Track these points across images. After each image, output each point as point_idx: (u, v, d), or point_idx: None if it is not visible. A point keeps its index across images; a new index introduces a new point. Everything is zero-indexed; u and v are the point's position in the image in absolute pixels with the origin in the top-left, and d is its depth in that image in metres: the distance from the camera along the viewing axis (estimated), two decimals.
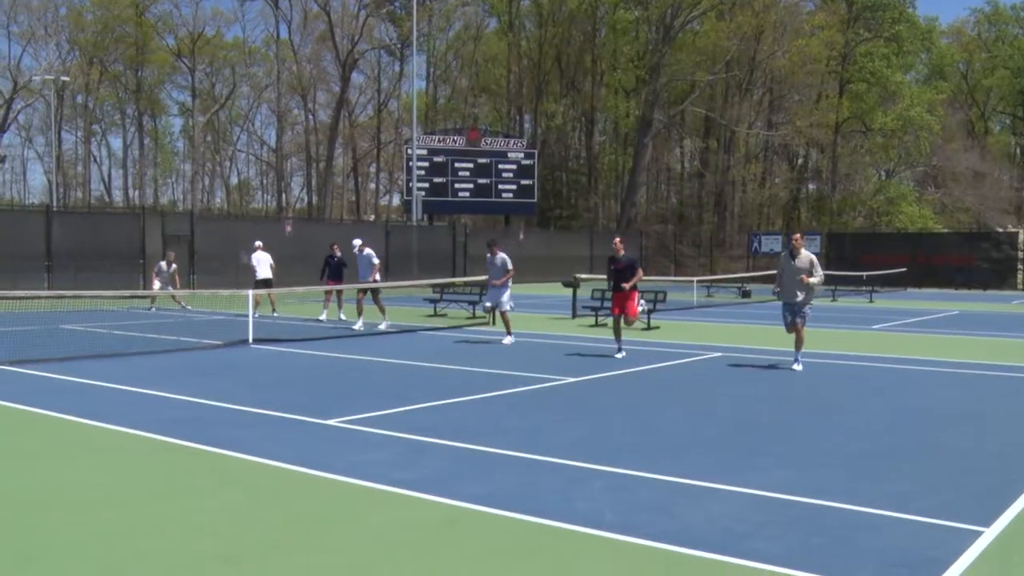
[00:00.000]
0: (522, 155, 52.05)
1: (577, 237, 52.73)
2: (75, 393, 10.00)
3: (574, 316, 21.45)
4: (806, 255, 12.39)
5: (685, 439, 7.88)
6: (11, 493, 6.00)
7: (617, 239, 14.38)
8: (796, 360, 12.58)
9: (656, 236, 56.65)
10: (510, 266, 15.93)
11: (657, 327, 18.85)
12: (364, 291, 18.87)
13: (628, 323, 14.19)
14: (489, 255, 16.02)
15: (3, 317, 19.30)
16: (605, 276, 14.41)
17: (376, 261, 18.79)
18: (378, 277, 18.95)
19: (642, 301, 16.50)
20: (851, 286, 35.33)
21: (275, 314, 20.13)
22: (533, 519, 5.43)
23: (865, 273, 35.05)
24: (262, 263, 21.05)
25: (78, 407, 9.02)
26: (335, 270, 20.26)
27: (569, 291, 22.54)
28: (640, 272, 13.98)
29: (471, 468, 6.70)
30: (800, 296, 12.39)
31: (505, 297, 15.94)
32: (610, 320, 19.95)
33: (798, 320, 12.49)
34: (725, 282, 35.32)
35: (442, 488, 6.05)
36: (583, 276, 23.20)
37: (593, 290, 21.45)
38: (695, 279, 31.18)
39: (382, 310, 18.72)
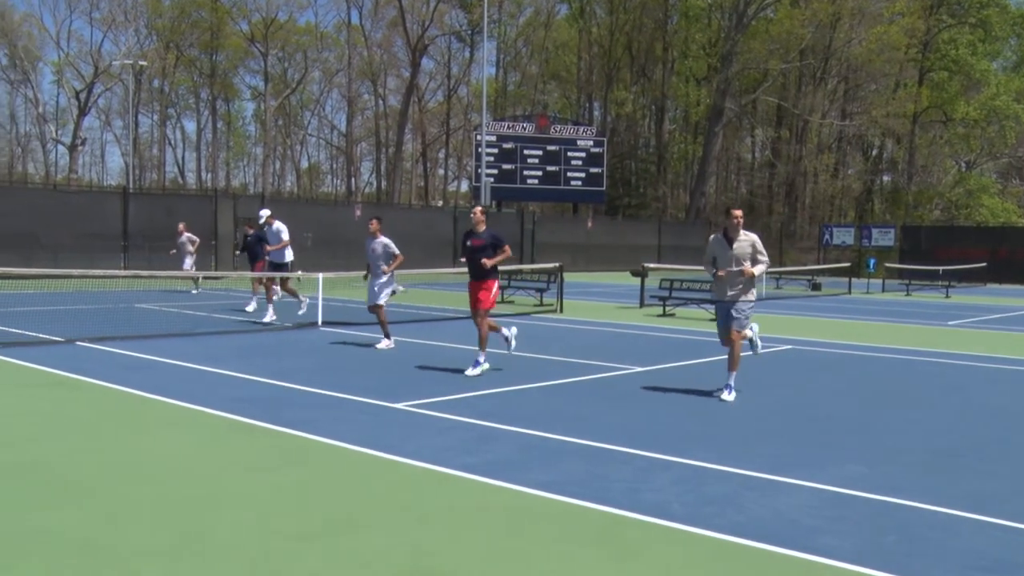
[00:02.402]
0: (591, 143, 51.81)
1: (645, 226, 52.38)
2: (150, 370, 10.26)
3: (641, 305, 21.32)
4: (747, 237, 9.36)
5: (753, 431, 7.78)
6: (94, 463, 6.19)
7: (478, 208, 10.93)
8: (727, 387, 9.36)
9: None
10: (395, 251, 12.80)
11: None
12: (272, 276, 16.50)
13: (478, 318, 10.63)
14: (368, 237, 12.89)
15: (82, 296, 19.87)
16: (464, 258, 10.86)
17: (286, 237, 16.28)
18: (291, 256, 16.34)
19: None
20: (926, 280, 34.49)
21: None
22: (600, 507, 5.42)
23: (941, 268, 34.18)
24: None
25: (153, 384, 9.25)
26: (253, 250, 17.87)
27: (637, 280, 22.40)
28: (506, 251, 10.64)
29: (538, 455, 6.71)
30: (734, 291, 9.35)
31: (384, 292, 12.93)
32: (680, 310, 19.81)
33: (733, 325, 9.35)
34: (795, 274, 34.75)
35: (509, 474, 6.07)
36: (651, 265, 23.03)
37: (661, 280, 21.29)
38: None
39: (295, 295, 16.67)
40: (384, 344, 12.80)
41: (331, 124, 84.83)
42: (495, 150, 49.37)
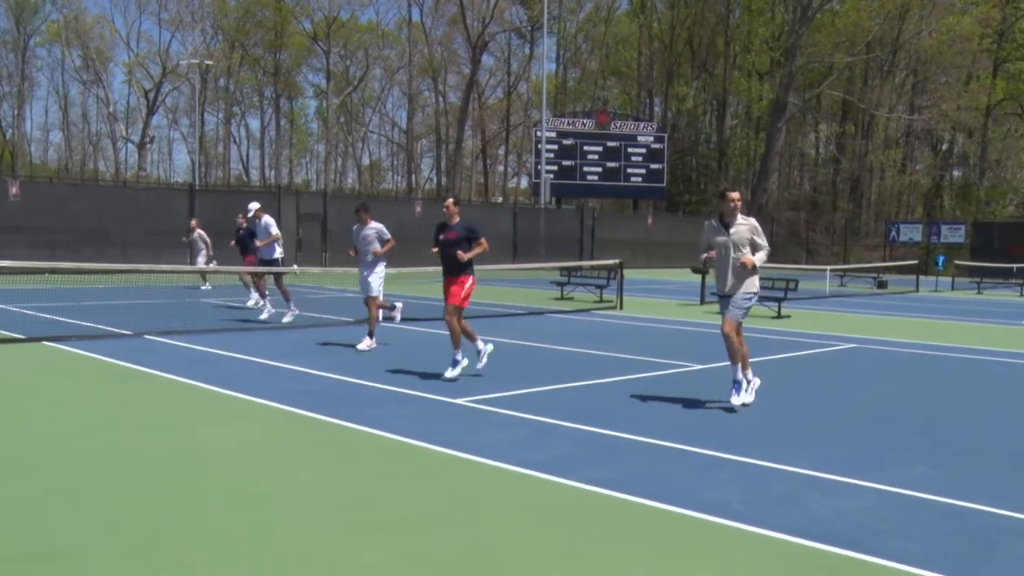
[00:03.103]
0: (651, 139, 51.49)
1: (705, 223, 51.84)
2: (214, 364, 10.45)
3: (702, 302, 21.13)
4: (745, 222, 8.54)
5: (816, 430, 7.65)
6: (159, 454, 6.32)
7: (450, 200, 10.35)
8: (735, 386, 8.46)
9: (787, 223, 55.20)
10: (388, 236, 12.26)
11: (788, 316, 18.37)
12: (260, 273, 15.87)
13: (448, 315, 9.85)
14: (357, 226, 12.29)
15: (150, 290, 20.32)
16: (436, 250, 10.10)
17: (275, 231, 15.32)
18: (280, 252, 15.53)
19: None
20: (999, 279, 33.60)
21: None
22: (659, 505, 5.38)
23: (1015, 265, 33.26)
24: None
25: (218, 377, 9.43)
26: (244, 244, 17.25)
27: (697, 277, 22.20)
28: (483, 244, 10.00)
29: (598, 452, 6.69)
30: (734, 282, 8.53)
31: (377, 281, 12.25)
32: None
33: (728, 315, 8.55)
34: (860, 271, 34.14)
35: (568, 470, 6.06)
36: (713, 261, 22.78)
37: None
38: (828, 268, 30.24)
39: (286, 296, 15.44)
40: (365, 344, 11.87)
41: (392, 121, 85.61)
42: (555, 146, 49.32)
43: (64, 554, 4.40)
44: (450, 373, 9.58)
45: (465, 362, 9.74)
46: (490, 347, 10.19)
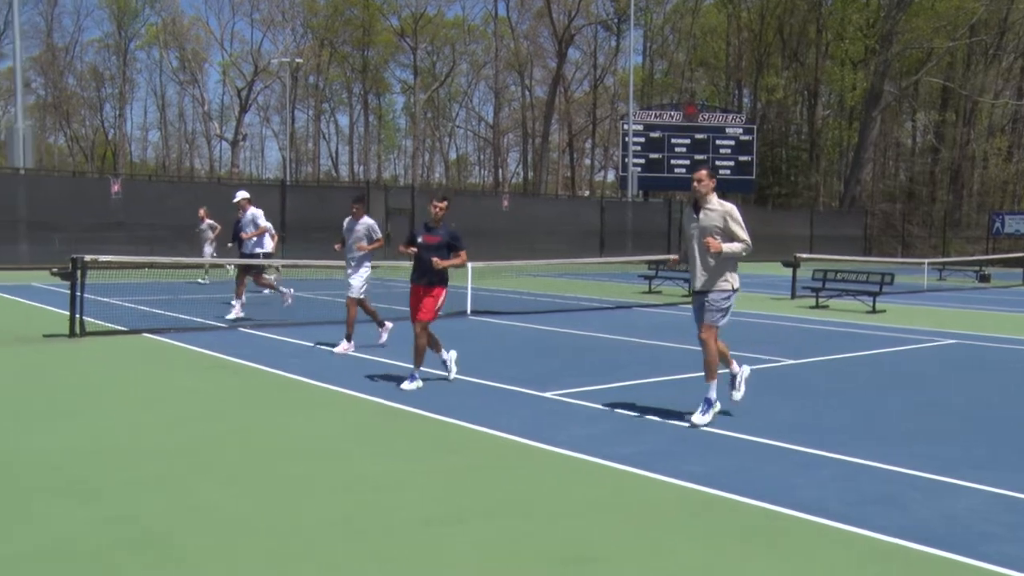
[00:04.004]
0: (740, 130, 50.64)
1: (796, 216, 50.78)
2: (306, 356, 10.63)
3: (793, 296, 20.69)
4: (720, 207, 7.38)
5: (915, 429, 7.39)
6: (252, 444, 6.45)
7: (444, 200, 9.23)
8: (704, 403, 7.39)
9: (882, 215, 53.71)
10: (378, 235, 11.32)
11: (883, 311, 17.85)
12: (246, 270, 14.43)
13: (418, 332, 8.75)
14: (349, 218, 11.33)
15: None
16: (409, 250, 9.15)
17: (263, 223, 14.51)
18: (270, 246, 14.54)
19: None
20: None
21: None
22: (754, 502, 5.26)
23: None
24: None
25: (309, 369, 9.59)
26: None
27: (788, 271, 21.74)
28: (463, 257, 9.12)
29: (689, 447, 6.58)
30: (705, 276, 7.45)
31: (359, 282, 11.29)
32: (834, 302, 19.11)
33: (704, 318, 7.53)
34: (960, 265, 32.97)
35: (660, 465, 5.97)
36: (803, 255, 22.29)
37: (814, 271, 20.59)
38: (926, 261, 29.30)
39: (272, 286, 14.64)
40: (343, 348, 10.97)
41: (479, 116, 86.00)
42: (642, 139, 48.91)
43: (160, 540, 4.51)
44: (408, 386, 8.54)
45: (420, 383, 8.63)
46: (454, 353, 9.21)
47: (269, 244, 14.56)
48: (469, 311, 15.65)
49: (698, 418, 7.27)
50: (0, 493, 5.19)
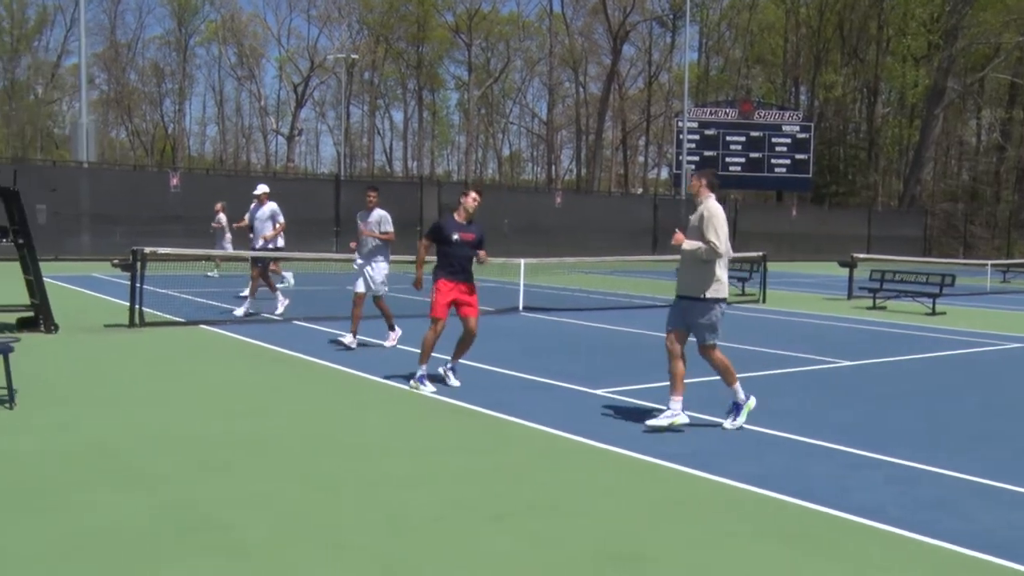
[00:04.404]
0: (797, 128, 49.98)
1: (854, 215, 50.00)
2: (359, 350, 10.72)
3: (849, 297, 20.36)
4: (703, 208, 6.97)
5: (977, 433, 7.23)
6: (307, 436, 6.52)
7: (476, 192, 8.86)
8: (733, 409, 7.14)
9: (943, 215, 52.61)
10: (390, 228, 10.96)
11: (943, 313, 17.48)
12: (257, 264, 13.93)
13: (468, 334, 8.52)
14: (363, 211, 11.04)
15: (298, 278, 21.02)
16: (431, 244, 8.68)
17: (282, 220, 14.14)
18: (282, 243, 14.19)
19: None
20: None
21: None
22: (806, 504, 5.19)
23: None
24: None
25: (362, 363, 9.68)
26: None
27: (844, 271, 21.40)
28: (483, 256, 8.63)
29: (742, 447, 6.51)
30: (683, 279, 7.07)
31: (381, 277, 10.96)
32: (892, 303, 18.77)
33: (697, 336, 7.12)
34: None
35: (710, 465, 5.92)
36: (860, 256, 21.93)
37: (871, 271, 20.24)
38: (989, 262, 28.63)
39: (271, 287, 13.93)
40: (392, 340, 10.98)
41: (532, 112, 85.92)
42: (696, 136, 48.52)
43: (217, 527, 4.58)
44: (428, 388, 8.25)
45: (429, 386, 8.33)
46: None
47: (281, 241, 14.44)
48: (521, 307, 15.66)
49: (729, 424, 7.08)
50: (61, 479, 5.32)
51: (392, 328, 11.12)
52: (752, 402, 7.15)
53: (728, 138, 49.24)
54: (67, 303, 14.31)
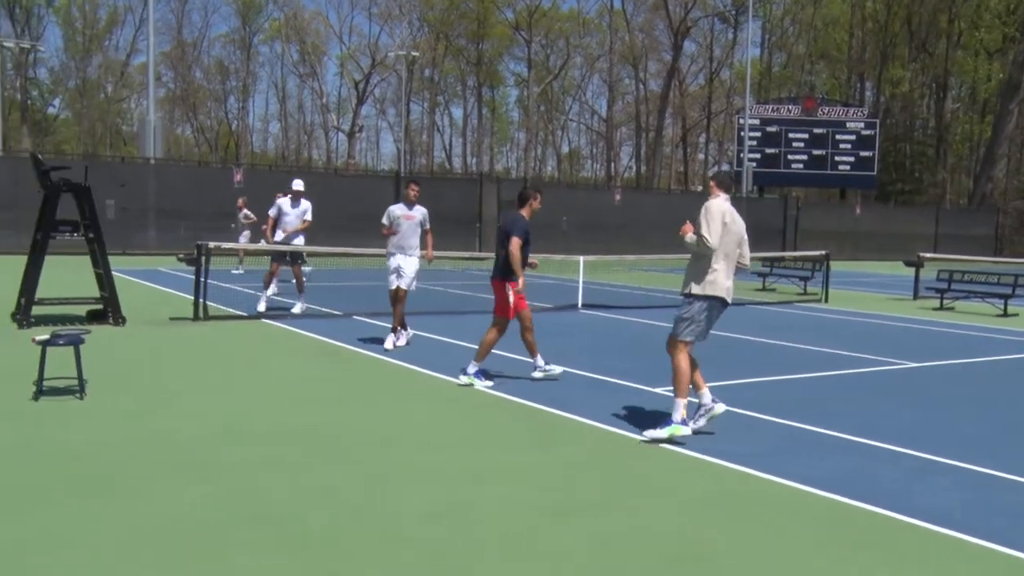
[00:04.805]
0: (862, 124, 49.04)
1: (920, 213, 48.94)
2: (419, 344, 10.77)
3: (915, 297, 19.93)
4: (705, 203, 6.70)
5: None
6: (367, 429, 6.58)
7: (538, 192, 8.75)
8: (665, 420, 6.57)
9: (1016, 214, 51.23)
10: (427, 225, 10.77)
11: (1015, 314, 17.02)
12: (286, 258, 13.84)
13: (525, 330, 8.55)
14: (402, 203, 10.72)
15: (359, 273, 21.25)
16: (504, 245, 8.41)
17: (310, 217, 13.95)
18: (301, 240, 13.96)
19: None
20: None
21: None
22: (870, 508, 5.08)
23: None
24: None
25: (421, 358, 9.73)
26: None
27: (910, 270, 20.96)
28: (512, 243, 8.28)
29: (801, 448, 6.41)
30: (685, 276, 6.77)
31: (413, 272, 10.55)
32: (960, 304, 18.32)
33: (673, 326, 6.86)
34: None
35: (772, 466, 5.83)
36: (927, 255, 21.45)
37: (939, 271, 19.79)
38: None
39: (301, 283, 13.88)
40: (404, 340, 10.63)
41: (592, 109, 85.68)
42: (758, 134, 47.91)
43: (278, 518, 4.64)
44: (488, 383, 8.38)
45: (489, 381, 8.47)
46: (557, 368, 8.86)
47: (302, 239, 14.33)
48: (580, 304, 15.61)
49: (649, 432, 6.45)
50: (129, 467, 5.44)
51: (404, 328, 10.65)
52: (684, 430, 6.41)
53: (790, 135, 48.52)
54: (134, 296, 14.64)
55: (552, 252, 15.74)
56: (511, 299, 8.37)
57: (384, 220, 10.49)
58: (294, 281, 13.94)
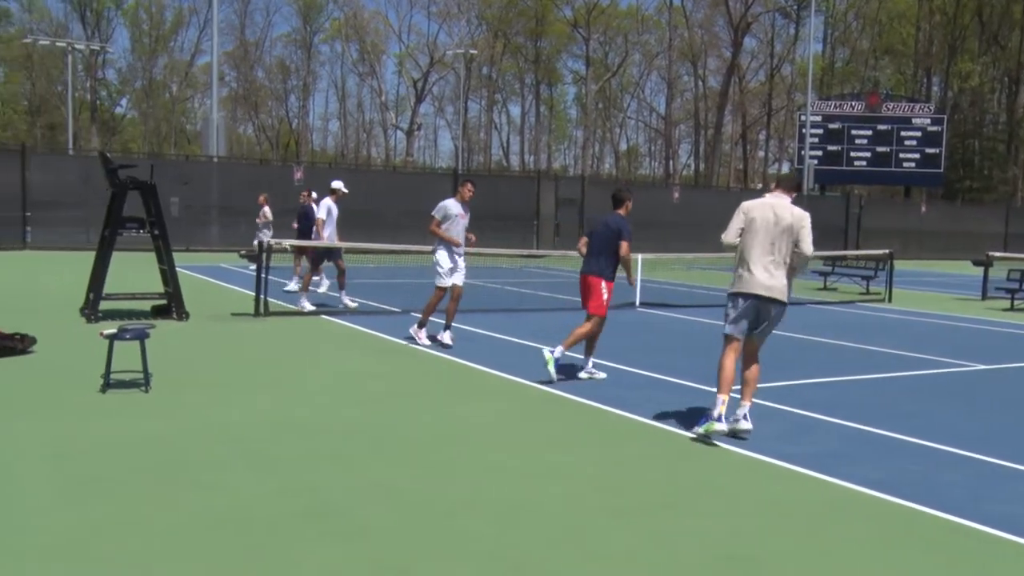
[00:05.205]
0: (928, 121, 47.96)
1: (989, 211, 47.73)
2: (476, 342, 10.81)
3: (984, 298, 19.44)
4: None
5: None
6: (425, 425, 6.61)
7: (630, 194, 9.04)
8: (703, 417, 6.65)
9: None
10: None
11: None
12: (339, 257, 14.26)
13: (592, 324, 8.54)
14: (459, 199, 10.66)
15: (417, 270, 21.38)
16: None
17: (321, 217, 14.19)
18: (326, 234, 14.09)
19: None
20: None
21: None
22: (935, 512, 4.96)
23: None
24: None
25: (479, 354, 9.75)
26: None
27: (978, 270, 20.45)
28: (623, 248, 8.53)
29: (864, 450, 6.29)
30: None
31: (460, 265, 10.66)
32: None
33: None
34: None
35: (833, 468, 5.73)
36: (997, 254, 20.92)
37: (1009, 270, 19.28)
38: None
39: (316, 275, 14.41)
40: (449, 337, 10.53)
41: (650, 106, 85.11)
42: (820, 130, 47.15)
43: (338, 512, 4.69)
44: (601, 375, 8.68)
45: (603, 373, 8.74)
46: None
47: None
48: (638, 303, 15.52)
49: (694, 429, 6.52)
50: (192, 460, 5.54)
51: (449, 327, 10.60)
52: (720, 427, 6.35)
53: (853, 132, 47.66)
54: (197, 292, 14.90)
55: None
56: (606, 296, 8.53)
57: (437, 214, 10.50)
58: (337, 278, 14.16)
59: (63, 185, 27.42)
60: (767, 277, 6.50)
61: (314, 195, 15.99)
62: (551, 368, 8.18)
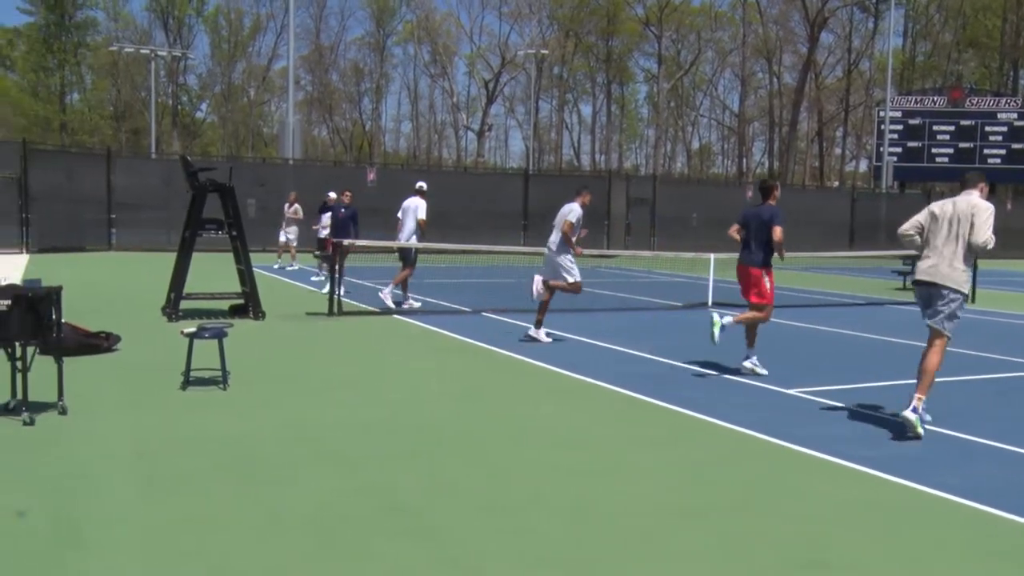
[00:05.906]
0: (1015, 115, 46.51)
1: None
2: (552, 342, 10.79)
3: None
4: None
5: None
6: (495, 425, 6.65)
7: (777, 184, 9.45)
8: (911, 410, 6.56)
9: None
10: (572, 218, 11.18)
11: None
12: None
13: (760, 319, 9.29)
14: (580, 206, 11.49)
15: (487, 270, 21.49)
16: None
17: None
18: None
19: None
20: None
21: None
22: (1018, 519, 4.80)
23: None
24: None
25: (549, 355, 9.75)
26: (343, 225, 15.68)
27: None
28: (777, 232, 8.84)
29: (946, 454, 6.13)
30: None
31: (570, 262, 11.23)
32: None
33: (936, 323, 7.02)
34: None
35: (912, 472, 5.59)
36: None
37: None
38: None
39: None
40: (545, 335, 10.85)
41: (723, 104, 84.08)
42: (899, 127, 46.08)
43: (413, 512, 4.74)
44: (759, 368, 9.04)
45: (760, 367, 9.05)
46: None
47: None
48: (711, 303, 15.35)
49: (907, 413, 6.51)
50: (268, 456, 5.65)
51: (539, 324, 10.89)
52: (915, 420, 6.48)
53: (935, 128, 46.45)
54: (273, 292, 15.20)
55: (682, 249, 15.50)
56: (769, 286, 9.07)
57: (573, 218, 11.14)
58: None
59: (146, 188, 28.23)
60: (926, 263, 6.92)
61: (346, 195, 16.20)
62: (716, 330, 8.53)
